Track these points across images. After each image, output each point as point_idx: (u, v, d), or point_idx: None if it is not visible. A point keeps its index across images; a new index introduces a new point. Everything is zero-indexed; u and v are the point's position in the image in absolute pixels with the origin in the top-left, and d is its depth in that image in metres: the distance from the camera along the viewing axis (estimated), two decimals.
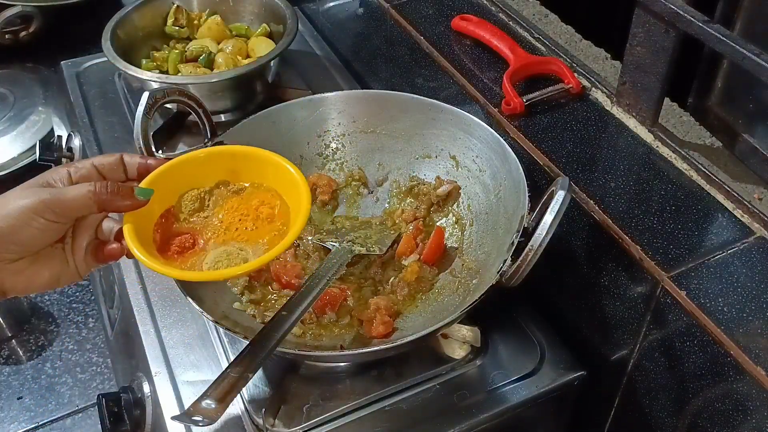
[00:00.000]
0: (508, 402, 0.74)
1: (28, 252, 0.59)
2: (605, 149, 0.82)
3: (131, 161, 0.64)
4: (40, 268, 0.61)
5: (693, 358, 0.67)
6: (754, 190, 0.74)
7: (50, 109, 1.48)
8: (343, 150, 0.91)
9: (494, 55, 0.96)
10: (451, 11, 1.03)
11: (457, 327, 0.78)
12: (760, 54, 0.64)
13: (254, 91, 1.11)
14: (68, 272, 0.63)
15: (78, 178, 0.61)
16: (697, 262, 0.68)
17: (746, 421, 0.64)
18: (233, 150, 0.69)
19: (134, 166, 0.64)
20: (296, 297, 0.68)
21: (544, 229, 0.63)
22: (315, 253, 0.83)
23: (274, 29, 1.16)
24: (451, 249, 0.83)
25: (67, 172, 0.61)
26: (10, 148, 1.42)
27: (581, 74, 0.91)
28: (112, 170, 0.63)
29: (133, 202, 0.60)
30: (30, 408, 1.17)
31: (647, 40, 0.77)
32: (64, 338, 1.26)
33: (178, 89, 0.82)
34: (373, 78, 1.18)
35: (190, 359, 0.79)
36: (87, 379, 1.21)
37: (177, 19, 1.17)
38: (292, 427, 0.72)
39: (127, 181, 0.64)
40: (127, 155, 0.64)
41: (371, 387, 0.75)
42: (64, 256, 0.62)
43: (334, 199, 0.90)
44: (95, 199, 0.58)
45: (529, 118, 0.86)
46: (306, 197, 0.63)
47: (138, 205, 0.61)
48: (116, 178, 0.63)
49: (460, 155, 0.86)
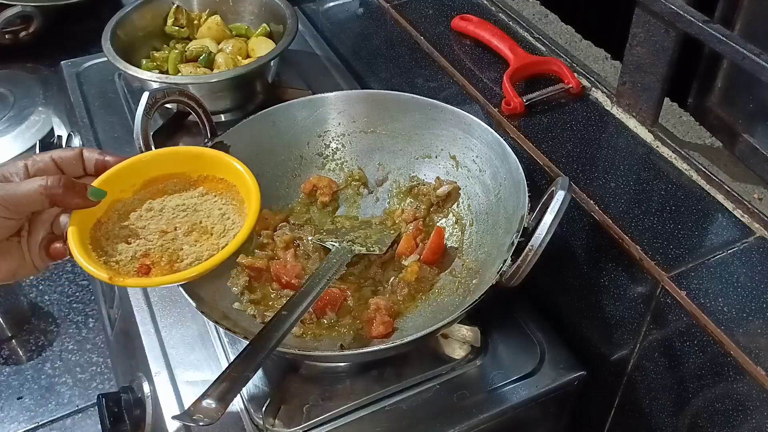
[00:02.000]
0: (508, 402, 0.74)
1: None
2: (605, 149, 0.82)
3: (90, 156, 0.64)
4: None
5: (693, 358, 0.67)
6: (754, 190, 0.74)
7: (50, 109, 1.48)
8: (343, 150, 0.91)
9: (494, 55, 0.96)
10: (451, 11, 1.03)
11: (457, 327, 0.78)
12: (760, 54, 0.64)
13: (254, 91, 1.11)
14: (24, 266, 0.63)
15: (35, 172, 0.60)
16: (697, 262, 0.68)
17: (746, 421, 0.64)
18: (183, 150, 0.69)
19: (92, 161, 0.64)
20: (296, 297, 0.68)
21: (544, 229, 0.63)
22: (315, 253, 0.83)
23: (274, 29, 1.16)
24: (451, 249, 0.83)
25: (24, 165, 0.61)
26: (10, 148, 1.42)
27: (581, 74, 0.91)
28: (70, 164, 0.63)
29: (84, 201, 0.60)
30: (30, 408, 1.17)
31: (647, 40, 0.77)
32: (64, 338, 1.26)
33: (178, 89, 0.82)
34: (373, 78, 1.18)
35: (190, 359, 0.79)
36: (87, 379, 1.20)
37: (177, 19, 1.17)
38: (292, 427, 0.72)
39: (84, 176, 0.64)
40: (87, 150, 0.64)
41: (371, 387, 0.75)
42: (20, 250, 0.62)
43: (334, 201, 0.90)
44: (46, 194, 0.58)
45: (529, 118, 0.86)
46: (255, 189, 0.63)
47: (89, 204, 0.60)
48: (74, 173, 0.63)
49: (460, 155, 0.86)
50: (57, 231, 0.63)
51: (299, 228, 0.86)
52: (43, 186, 0.57)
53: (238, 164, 0.66)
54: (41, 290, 1.33)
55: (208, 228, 0.65)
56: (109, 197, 0.63)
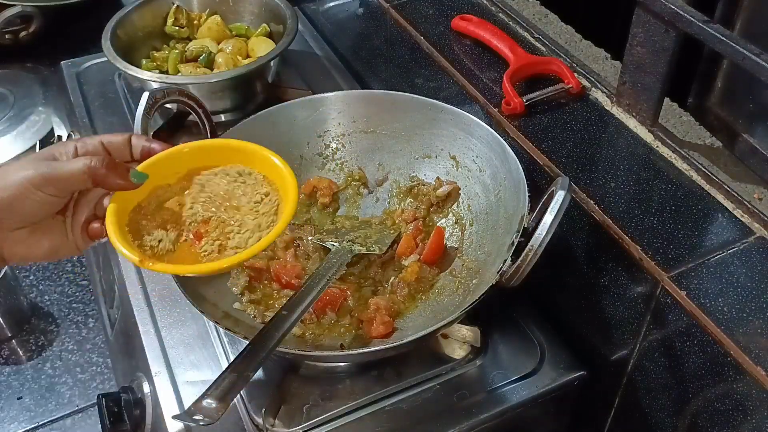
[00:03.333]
0: (508, 402, 0.74)
1: (28, 222, 0.60)
2: (605, 149, 0.82)
3: (137, 143, 0.64)
4: (40, 238, 0.61)
5: (693, 358, 0.67)
6: (754, 190, 0.74)
7: (50, 109, 1.48)
8: (343, 150, 0.91)
9: (494, 55, 0.96)
10: (451, 11, 1.03)
11: (457, 327, 0.78)
12: (760, 54, 0.64)
13: (254, 91, 1.11)
14: (67, 245, 0.63)
15: (83, 153, 0.61)
16: (697, 262, 0.68)
17: (746, 421, 0.64)
18: (226, 143, 0.68)
19: (139, 148, 0.64)
20: (296, 297, 0.68)
21: (544, 229, 0.63)
22: (315, 254, 0.83)
23: (274, 29, 1.16)
24: (451, 249, 0.83)
25: (74, 146, 0.61)
26: (10, 148, 1.42)
27: (581, 74, 0.91)
28: (118, 149, 0.63)
29: (125, 182, 0.60)
30: (30, 408, 1.17)
31: (647, 40, 0.77)
32: (64, 338, 1.26)
33: (178, 89, 0.82)
34: (373, 78, 1.18)
35: (190, 359, 0.79)
36: (87, 379, 1.20)
37: (177, 19, 1.17)
38: (292, 427, 0.72)
39: (131, 162, 0.64)
40: (135, 137, 0.64)
41: (371, 387, 0.75)
42: (64, 229, 0.63)
43: (334, 202, 0.90)
44: (90, 173, 0.58)
45: (529, 118, 0.86)
46: (293, 185, 0.62)
47: (130, 186, 0.61)
48: (121, 157, 0.63)
49: (460, 155, 0.86)
50: (99, 213, 0.64)
51: (299, 228, 0.86)
52: (87, 165, 0.58)
53: (277, 159, 0.65)
54: (41, 290, 1.33)
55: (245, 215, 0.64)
56: (151, 182, 0.63)
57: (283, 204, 0.63)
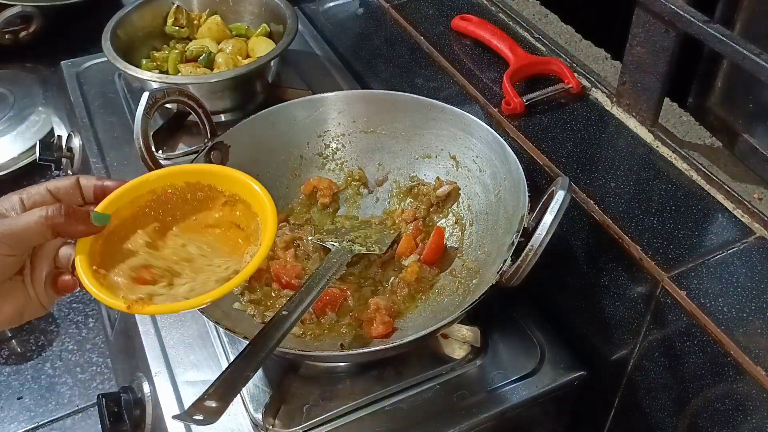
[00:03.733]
0: (508, 402, 0.74)
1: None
2: (605, 149, 0.82)
3: (87, 184, 0.60)
4: (1, 304, 0.57)
5: (693, 358, 0.67)
6: (754, 190, 0.74)
7: (50, 109, 1.49)
8: (343, 150, 0.91)
9: (494, 55, 0.96)
10: (451, 11, 1.03)
11: (457, 327, 0.78)
12: (760, 54, 0.64)
13: (254, 91, 1.11)
14: (32, 305, 0.59)
15: (31, 205, 0.57)
16: (697, 262, 0.68)
17: (746, 421, 0.64)
18: (190, 169, 0.64)
19: (90, 189, 0.60)
20: (296, 297, 0.68)
21: (544, 229, 0.63)
22: (315, 254, 0.83)
23: (274, 29, 1.16)
24: (451, 249, 0.83)
25: (19, 200, 0.57)
26: (10, 148, 1.43)
27: (581, 74, 0.91)
28: (67, 194, 0.59)
29: (87, 227, 0.56)
30: (30, 408, 1.17)
31: (647, 40, 0.77)
32: (64, 338, 1.26)
33: (178, 89, 0.82)
34: (373, 78, 1.18)
35: (190, 359, 0.79)
36: (87, 379, 1.21)
37: (177, 19, 1.17)
38: (292, 427, 0.72)
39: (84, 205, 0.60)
40: (84, 178, 0.60)
41: (371, 387, 0.75)
42: (25, 289, 0.59)
43: (334, 202, 0.90)
44: (48, 224, 0.54)
45: (529, 118, 0.86)
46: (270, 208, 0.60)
47: (93, 230, 0.57)
48: (72, 203, 0.59)
49: (460, 155, 0.86)
50: (60, 265, 0.60)
51: (299, 228, 0.86)
52: (44, 216, 0.54)
53: (252, 181, 0.62)
54: None
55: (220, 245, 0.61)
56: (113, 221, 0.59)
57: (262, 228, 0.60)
